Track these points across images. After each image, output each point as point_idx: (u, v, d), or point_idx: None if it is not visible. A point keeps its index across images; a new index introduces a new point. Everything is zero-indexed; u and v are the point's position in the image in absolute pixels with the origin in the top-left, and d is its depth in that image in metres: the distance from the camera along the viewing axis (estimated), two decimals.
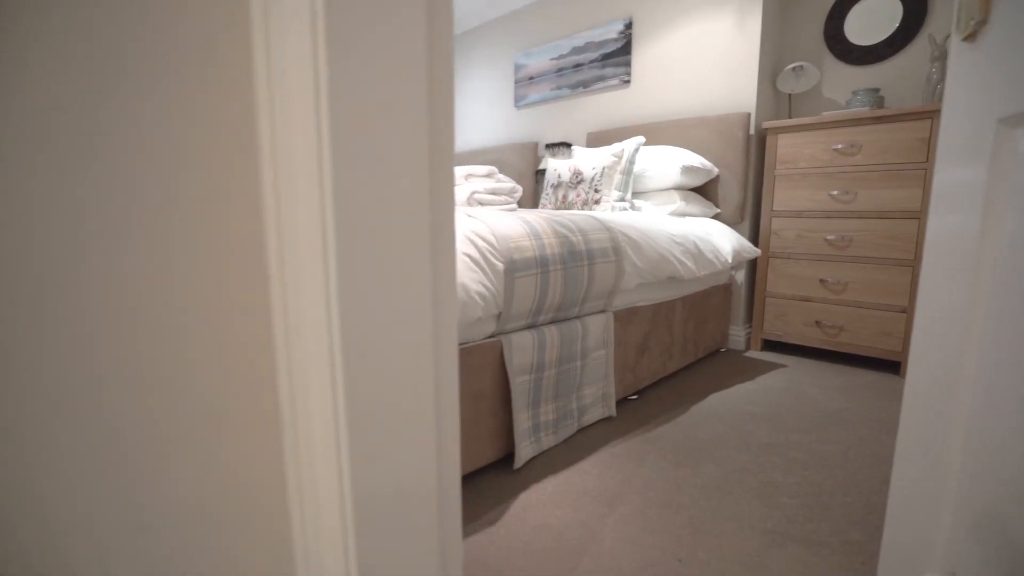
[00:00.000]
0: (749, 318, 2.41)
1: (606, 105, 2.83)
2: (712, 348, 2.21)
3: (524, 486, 1.15)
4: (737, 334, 2.36)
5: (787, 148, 2.11)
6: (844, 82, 2.28)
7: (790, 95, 2.34)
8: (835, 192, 2.00)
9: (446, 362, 0.48)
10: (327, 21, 0.35)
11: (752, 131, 2.26)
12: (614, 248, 1.45)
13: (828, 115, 1.98)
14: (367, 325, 0.40)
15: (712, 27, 2.34)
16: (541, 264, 1.21)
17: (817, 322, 2.09)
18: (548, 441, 1.31)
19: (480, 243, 1.13)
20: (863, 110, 1.92)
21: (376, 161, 0.39)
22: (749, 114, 2.21)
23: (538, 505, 1.08)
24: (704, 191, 2.37)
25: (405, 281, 0.42)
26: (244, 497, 0.42)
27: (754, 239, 2.38)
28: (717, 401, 1.69)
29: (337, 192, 0.37)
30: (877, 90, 2.01)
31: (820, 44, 2.32)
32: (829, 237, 2.03)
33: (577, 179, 2.17)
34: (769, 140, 2.15)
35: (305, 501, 0.44)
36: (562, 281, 1.27)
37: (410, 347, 0.44)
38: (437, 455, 0.49)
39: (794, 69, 2.21)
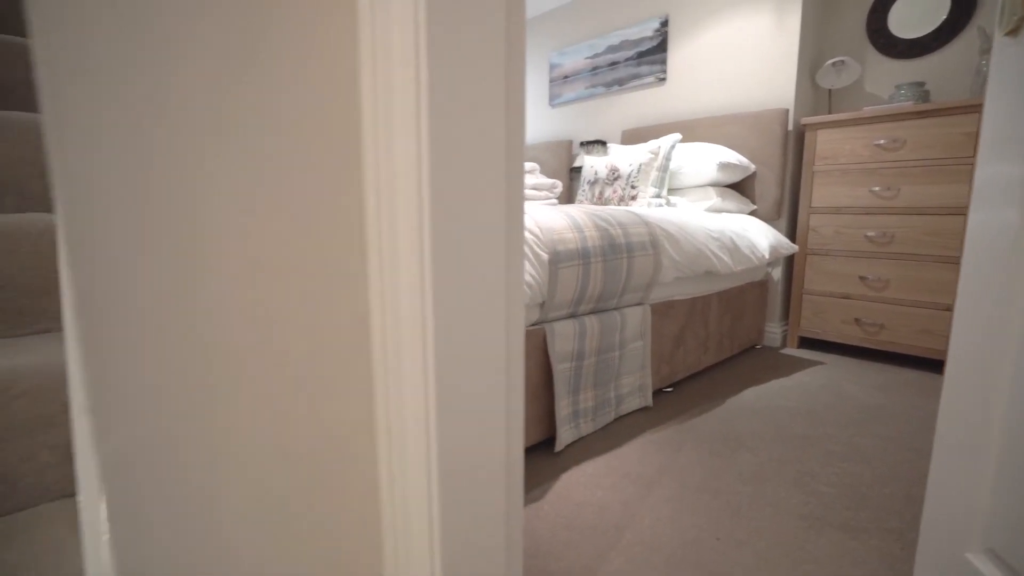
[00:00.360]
0: (785, 315, 2.40)
1: (641, 103, 2.85)
2: (747, 344, 2.21)
3: (565, 468, 1.20)
4: (773, 331, 2.35)
5: (826, 144, 2.10)
6: (887, 76, 2.24)
7: (830, 90, 2.32)
8: (876, 188, 1.98)
9: (515, 343, 0.54)
10: (428, 30, 0.41)
11: (790, 127, 2.25)
12: (652, 242, 1.49)
13: (870, 110, 1.96)
14: (454, 301, 0.46)
15: (750, 23, 2.34)
16: (583, 256, 1.26)
17: (856, 320, 2.07)
18: (587, 428, 1.36)
19: (526, 235, 1.19)
20: (907, 104, 1.89)
21: (464, 155, 0.45)
22: (787, 110, 2.20)
23: (579, 485, 1.13)
24: (740, 187, 2.37)
25: (486, 262, 0.48)
26: (340, 448, 0.49)
27: (791, 235, 2.36)
28: (752, 396, 1.71)
29: (433, 181, 0.43)
30: (922, 84, 1.98)
31: (862, 38, 2.29)
32: (870, 234, 2.01)
33: (614, 176, 2.21)
34: (808, 136, 2.14)
35: (393, 451, 0.50)
36: (602, 272, 1.31)
37: (488, 324, 0.50)
38: (506, 429, 0.55)
39: (834, 64, 2.19)
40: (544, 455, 1.27)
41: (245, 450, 0.43)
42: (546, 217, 1.28)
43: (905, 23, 2.16)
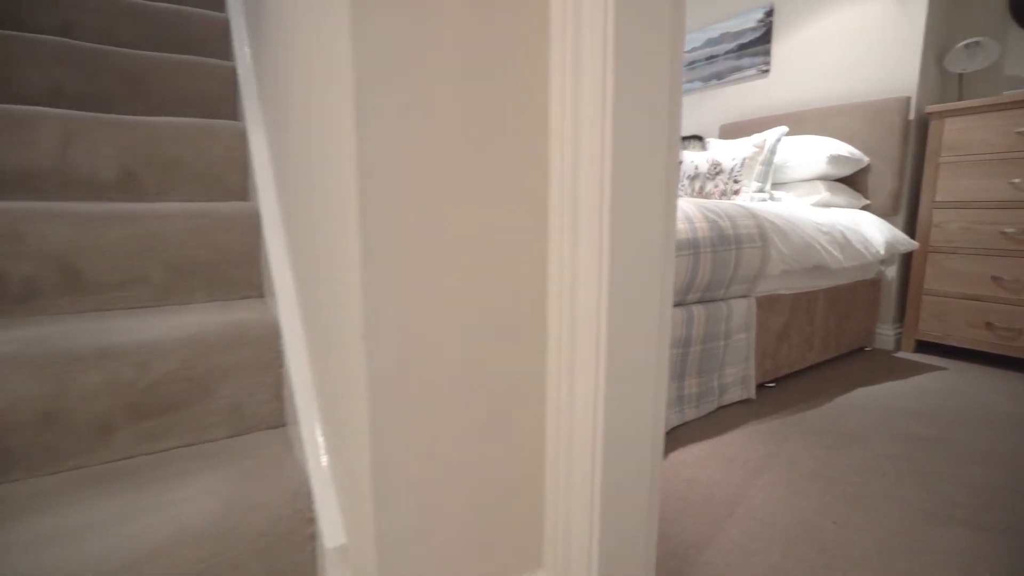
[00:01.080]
0: (900, 317, 2.26)
1: (741, 96, 2.78)
2: (855, 345, 2.11)
3: (671, 448, 1.26)
4: (885, 333, 2.22)
5: (955, 133, 1.95)
6: None
7: (960, 75, 2.14)
8: (1017, 180, 1.82)
9: (665, 322, 0.62)
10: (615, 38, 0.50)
11: (911, 116, 2.12)
12: (760, 234, 1.49)
13: (1011, 94, 1.80)
14: (624, 275, 0.54)
15: (867, 8, 2.22)
16: (693, 246, 1.30)
17: (988, 324, 1.91)
18: (690, 413, 1.39)
19: None
20: None
21: (638, 145, 0.53)
22: (909, 98, 2.07)
23: (687, 464, 1.18)
24: (851, 182, 2.26)
25: (650, 245, 0.57)
26: (516, 387, 0.59)
27: (910, 232, 2.22)
28: (863, 396, 1.65)
29: (615, 173, 0.52)
30: None
31: (1002, 16, 2.10)
32: (1007, 230, 1.85)
33: (715, 170, 2.20)
34: (932, 125, 2.01)
35: (562, 394, 0.60)
36: (711, 263, 1.34)
37: (648, 299, 0.58)
38: (654, 400, 0.63)
39: (967, 46, 2.03)
40: None
41: (453, 381, 0.54)
42: None
43: None
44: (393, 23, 0.45)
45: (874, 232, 1.93)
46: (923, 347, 2.21)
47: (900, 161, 2.11)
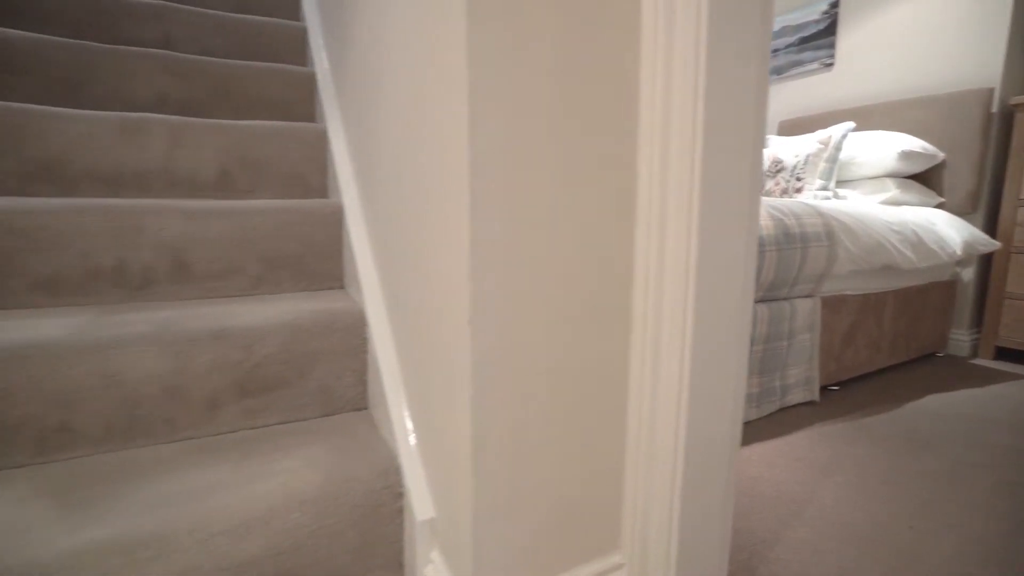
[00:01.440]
0: (977, 321, 2.14)
1: (803, 91, 2.70)
2: (926, 350, 2.01)
3: None
4: (960, 338, 2.11)
5: None
6: None
7: None
8: None
9: (747, 316, 0.63)
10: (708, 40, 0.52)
11: (994, 108, 2.00)
12: (827, 233, 1.45)
13: None
14: (710, 269, 0.56)
15: None
16: (757, 244, 1.29)
17: None
18: (751, 413, 1.38)
19: None
20: None
21: (726, 138, 0.55)
22: (992, 89, 1.96)
23: (751, 462, 1.17)
24: (923, 178, 2.16)
25: (734, 241, 0.58)
26: (600, 373, 0.62)
27: (989, 231, 2.09)
28: (936, 402, 1.58)
29: (704, 170, 0.54)
30: None
31: None
32: None
33: (776, 168, 2.15)
34: (1018, 118, 1.89)
35: (645, 380, 0.62)
36: (776, 261, 1.32)
37: (732, 293, 0.60)
38: (735, 390, 0.64)
39: None
40: None
41: (543, 365, 0.57)
42: None
43: None
44: (500, 36, 0.48)
45: (950, 231, 1.84)
46: (1003, 354, 2.09)
47: (980, 156, 2.00)
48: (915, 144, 1.99)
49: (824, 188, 2.02)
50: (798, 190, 2.03)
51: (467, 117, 0.48)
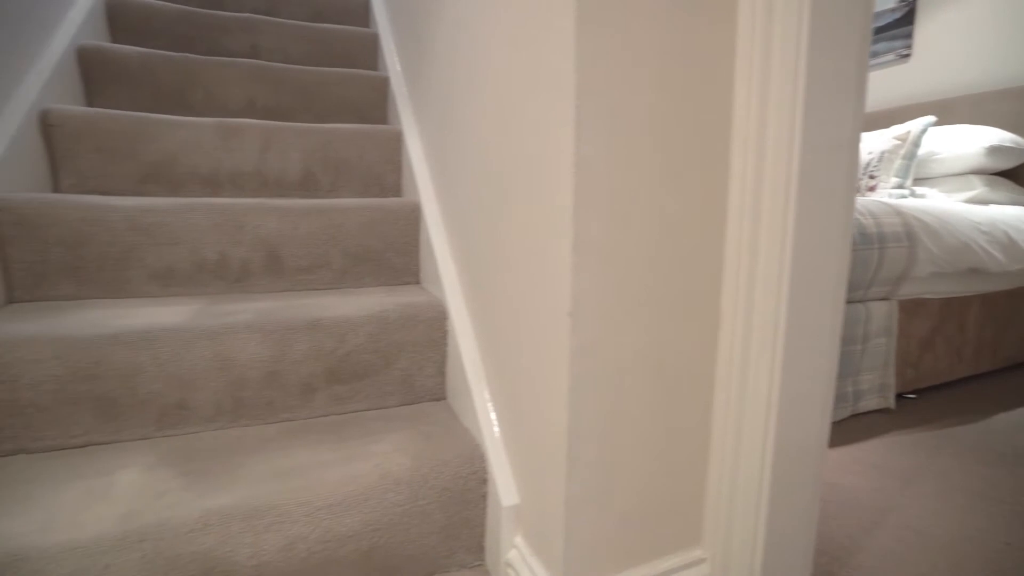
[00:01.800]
0: None
1: (875, 84, 2.57)
2: (1017, 360, 1.88)
3: None
4: None
5: None
6: None
7: None
8: None
9: (839, 316, 0.62)
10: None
11: None
12: (907, 233, 1.39)
13: None
14: (804, 269, 0.56)
15: None
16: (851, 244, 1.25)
17: None
18: None
19: None
20: None
21: (824, 143, 0.55)
22: None
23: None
24: (1014, 175, 2.01)
25: (831, 238, 0.58)
26: (687, 366, 0.63)
27: None
28: None
29: (801, 170, 0.54)
30: None
31: None
32: None
33: None
34: None
35: (733, 378, 0.62)
36: (851, 263, 1.28)
37: (825, 292, 0.59)
38: (824, 389, 0.64)
39: None
40: None
41: (634, 359, 0.59)
42: None
43: None
44: (607, 39, 0.50)
45: None
46: None
47: None
48: (1005, 138, 1.87)
49: (900, 186, 1.92)
50: (871, 188, 1.94)
51: (573, 118, 0.51)
